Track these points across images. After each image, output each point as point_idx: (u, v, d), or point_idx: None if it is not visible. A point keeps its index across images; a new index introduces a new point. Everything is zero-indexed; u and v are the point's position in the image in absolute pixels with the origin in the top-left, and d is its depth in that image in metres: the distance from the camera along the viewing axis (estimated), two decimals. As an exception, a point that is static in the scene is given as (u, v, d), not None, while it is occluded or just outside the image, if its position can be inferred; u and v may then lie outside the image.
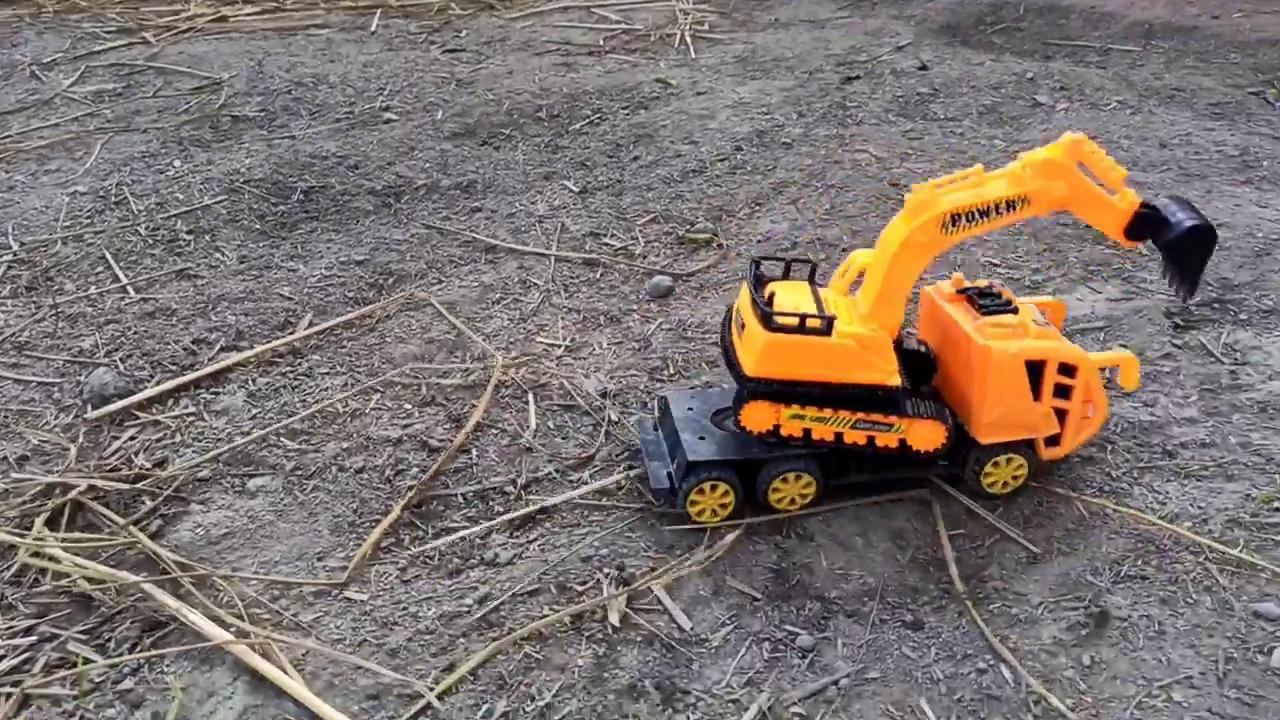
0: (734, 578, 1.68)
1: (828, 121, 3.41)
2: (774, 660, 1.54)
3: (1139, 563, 1.66)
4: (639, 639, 1.57)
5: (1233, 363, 2.14)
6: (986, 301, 1.75)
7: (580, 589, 1.67)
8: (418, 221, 2.92)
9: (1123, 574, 1.64)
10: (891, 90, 3.66)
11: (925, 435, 1.69)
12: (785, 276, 1.80)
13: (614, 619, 1.59)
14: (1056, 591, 1.62)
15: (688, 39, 4.42)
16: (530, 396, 2.15)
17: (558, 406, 2.13)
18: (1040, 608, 1.59)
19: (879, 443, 1.70)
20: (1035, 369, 1.69)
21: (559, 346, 2.33)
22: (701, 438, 1.75)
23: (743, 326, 1.70)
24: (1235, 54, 4.06)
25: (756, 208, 2.90)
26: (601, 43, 4.42)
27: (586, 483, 1.91)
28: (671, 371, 2.23)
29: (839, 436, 1.69)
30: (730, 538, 1.71)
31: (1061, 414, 1.74)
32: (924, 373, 1.81)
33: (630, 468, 1.92)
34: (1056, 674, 1.49)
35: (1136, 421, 1.99)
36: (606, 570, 1.70)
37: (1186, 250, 1.64)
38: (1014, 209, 1.61)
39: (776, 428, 1.68)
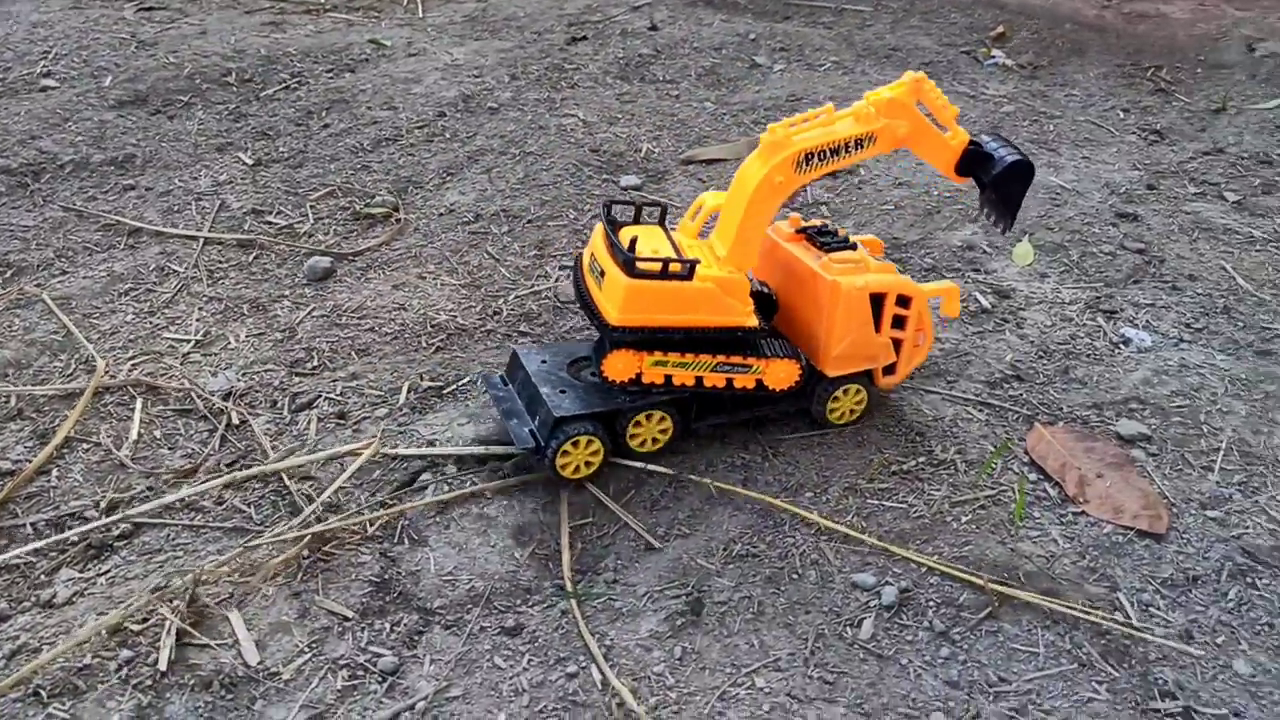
0: (327, 596, 1.52)
1: (541, 85, 3.25)
2: (350, 689, 1.39)
3: (753, 540, 1.61)
4: (194, 681, 1.38)
5: (886, 323, 2.15)
6: (827, 239, 1.77)
7: (139, 627, 1.46)
8: (55, 203, 2.55)
9: (735, 554, 1.59)
10: (615, 51, 3.54)
11: (780, 374, 1.71)
12: (636, 220, 1.72)
13: (162, 662, 1.39)
14: (665, 579, 1.54)
15: (419, -4, 4.16)
16: (138, 403, 1.89)
17: (172, 412, 1.89)
18: (645, 598, 1.52)
19: (737, 384, 1.69)
20: (876, 302, 1.72)
21: (188, 342, 2.07)
22: (563, 391, 1.66)
23: (602, 274, 1.61)
24: (956, 14, 4.19)
25: (448, 178, 2.71)
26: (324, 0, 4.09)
27: (184, 499, 1.69)
28: (315, 364, 2.03)
29: (699, 380, 1.66)
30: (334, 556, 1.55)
31: (896, 344, 1.79)
32: (765, 313, 1.79)
33: (238, 474, 1.71)
34: (648, 669, 1.41)
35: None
36: (176, 602, 1.49)
37: (1008, 183, 1.70)
38: (861, 147, 1.64)
39: (638, 376, 1.63)
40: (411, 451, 1.76)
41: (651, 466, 1.72)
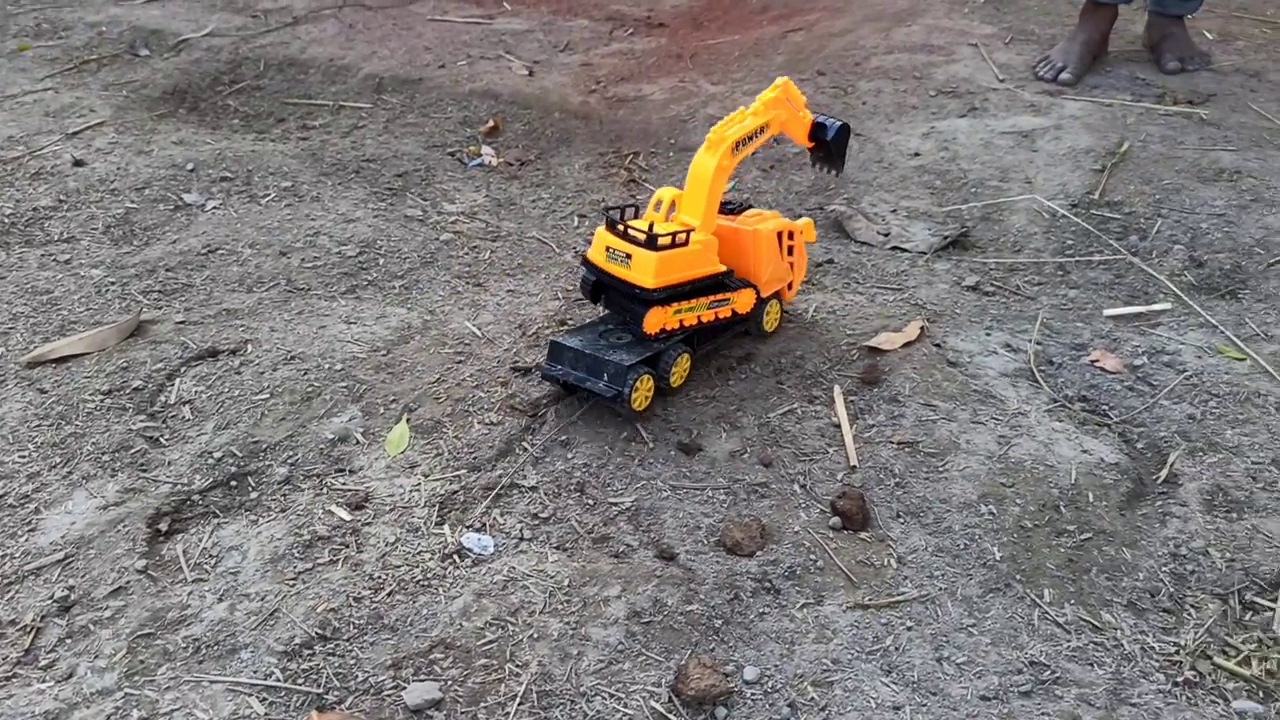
0: None
1: None
2: None
3: None
4: None
5: (196, 579, 1.82)
6: (731, 206, 2.44)
7: None
8: None
9: None
10: (5, 205, 2.97)
11: (745, 300, 2.33)
12: (623, 218, 2.20)
13: None
14: None
15: None
16: None
17: None
18: None
19: (720, 315, 2.29)
20: (778, 239, 2.41)
21: None
22: (614, 350, 2.16)
23: (627, 257, 2.13)
24: (452, 107, 4.00)
25: None
26: None
27: None
28: None
29: (699, 319, 2.25)
30: None
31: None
32: None
33: None
34: None
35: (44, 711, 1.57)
36: None
37: (839, 142, 2.42)
38: (763, 133, 2.28)
39: (664, 326, 2.18)
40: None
41: None
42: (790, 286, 2.51)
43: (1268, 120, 3.42)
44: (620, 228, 2.16)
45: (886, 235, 3.06)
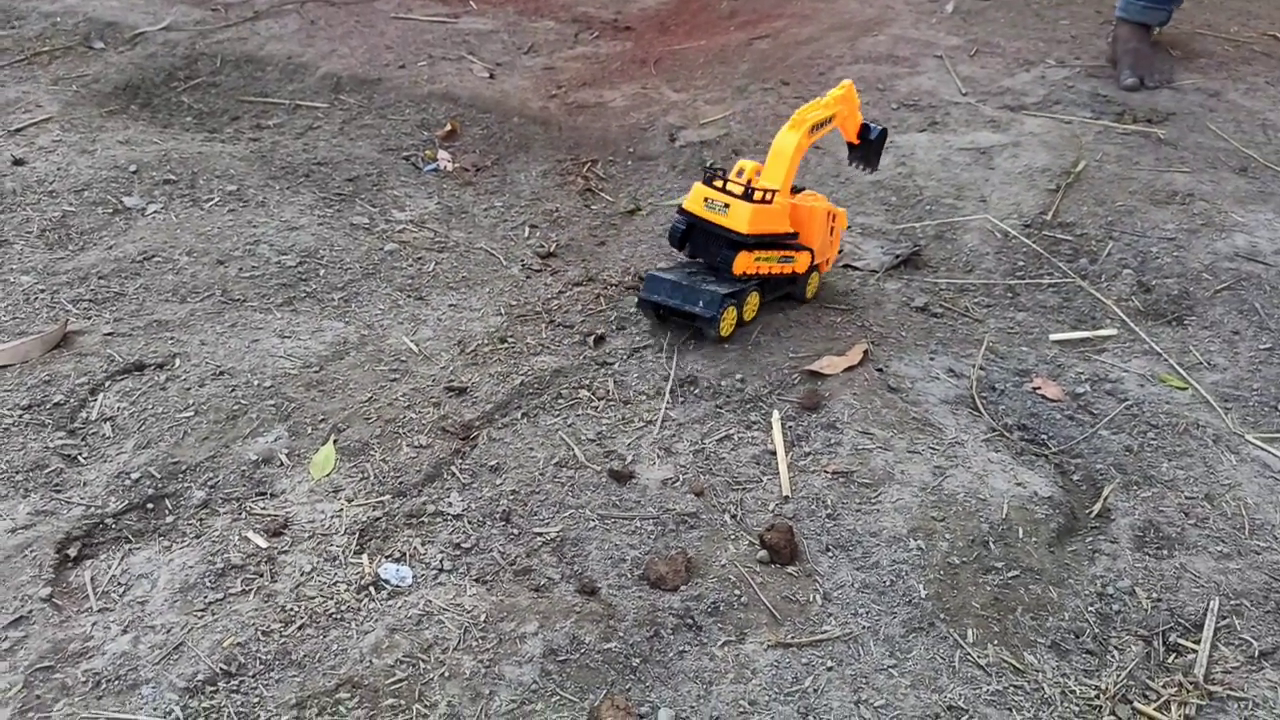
0: None
1: None
2: None
3: None
4: None
5: (102, 608, 1.77)
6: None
7: None
8: None
9: None
10: (-67, 207, 2.90)
11: (803, 261, 2.62)
12: (713, 179, 2.48)
13: None
14: None
15: None
16: None
17: None
18: None
19: (784, 270, 2.58)
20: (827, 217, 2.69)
21: None
22: (706, 284, 2.43)
23: (725, 206, 2.40)
24: (410, 109, 3.93)
25: None
26: None
27: None
28: None
29: (770, 270, 2.54)
30: None
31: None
32: None
33: None
34: None
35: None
36: None
37: (880, 144, 2.71)
38: (830, 122, 2.55)
39: (746, 270, 2.47)
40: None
41: None
42: (828, 261, 2.81)
43: (1224, 140, 3.42)
44: (718, 184, 2.46)
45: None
